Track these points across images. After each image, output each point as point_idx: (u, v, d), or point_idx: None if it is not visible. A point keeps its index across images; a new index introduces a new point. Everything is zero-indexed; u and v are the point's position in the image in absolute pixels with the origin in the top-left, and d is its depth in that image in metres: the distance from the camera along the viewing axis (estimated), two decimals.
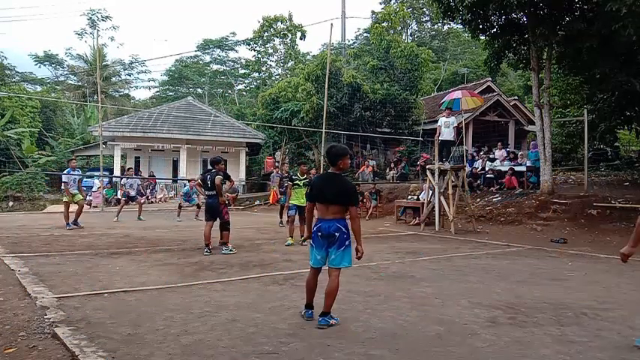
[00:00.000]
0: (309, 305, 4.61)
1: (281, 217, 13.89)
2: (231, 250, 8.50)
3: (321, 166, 21.53)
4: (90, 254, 8.08)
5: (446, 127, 13.21)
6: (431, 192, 13.45)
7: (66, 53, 42.32)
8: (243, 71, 47.47)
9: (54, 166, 27.73)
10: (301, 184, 10.09)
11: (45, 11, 77.61)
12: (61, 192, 12.67)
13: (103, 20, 40.14)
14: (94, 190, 21.39)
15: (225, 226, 8.63)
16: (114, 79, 43.97)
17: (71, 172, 12.47)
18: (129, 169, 17.59)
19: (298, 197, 9.97)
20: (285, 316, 4.66)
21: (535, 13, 13.35)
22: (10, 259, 7.30)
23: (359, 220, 4.51)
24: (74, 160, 13.12)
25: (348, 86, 22.81)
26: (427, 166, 14.08)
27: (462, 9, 13.30)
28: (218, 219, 8.63)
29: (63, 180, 12.61)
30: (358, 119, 22.99)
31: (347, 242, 4.44)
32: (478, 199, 15.41)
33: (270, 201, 20.57)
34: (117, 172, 23.32)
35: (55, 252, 8.19)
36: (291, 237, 9.89)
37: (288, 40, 37.76)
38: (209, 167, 9.31)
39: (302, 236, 9.75)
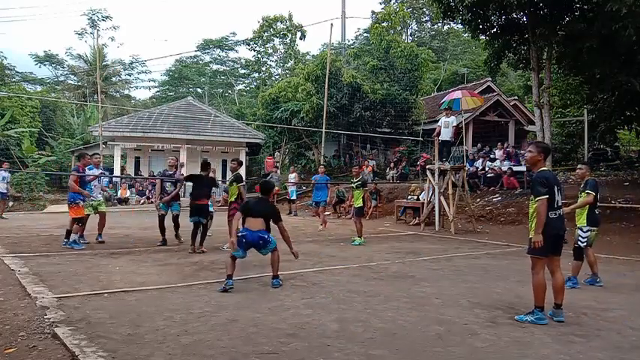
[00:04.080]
0: (231, 277, 5.77)
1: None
2: None
3: (321, 166, 21.52)
4: (90, 254, 8.08)
5: (445, 127, 13.23)
6: (431, 192, 13.45)
7: (66, 53, 42.28)
8: (243, 71, 47.45)
9: (54, 166, 27.72)
10: (354, 187, 10.62)
11: (45, 11, 77.65)
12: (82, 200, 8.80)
13: (103, 20, 40.02)
14: None
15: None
16: (114, 79, 43.94)
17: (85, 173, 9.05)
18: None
19: (358, 200, 10.54)
20: (285, 316, 4.66)
21: (535, 13, 13.34)
22: (10, 259, 7.29)
23: (286, 232, 6.13)
24: (97, 156, 9.71)
25: (348, 86, 22.80)
26: (427, 166, 14.09)
27: (462, 9, 13.29)
28: None
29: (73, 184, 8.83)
30: (358, 119, 22.97)
31: (269, 243, 5.99)
32: (478, 199, 15.41)
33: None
34: (117, 171, 23.33)
35: (55, 252, 8.18)
36: (360, 236, 10.29)
37: (288, 40, 37.75)
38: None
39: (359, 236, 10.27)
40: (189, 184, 10.06)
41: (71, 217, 8.70)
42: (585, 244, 6.31)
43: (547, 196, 4.53)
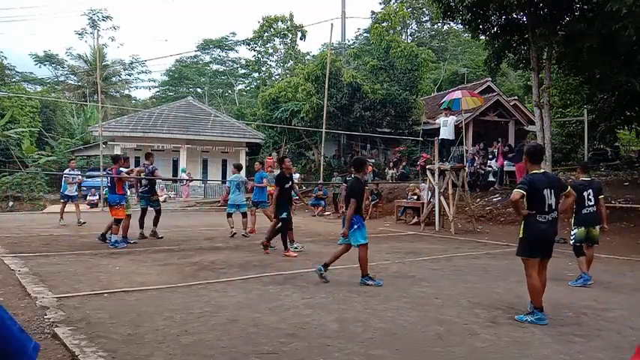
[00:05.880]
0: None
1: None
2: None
3: (321, 166, 21.56)
4: (90, 254, 8.08)
5: (443, 127, 13.31)
6: (430, 192, 13.45)
7: (66, 53, 42.29)
8: (243, 71, 47.40)
9: (54, 166, 27.72)
10: None
11: (45, 11, 77.67)
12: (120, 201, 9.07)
13: (103, 20, 40.02)
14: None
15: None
16: (114, 79, 43.92)
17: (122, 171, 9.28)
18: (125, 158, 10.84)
19: None
20: (285, 316, 4.66)
21: (535, 13, 13.34)
22: (10, 259, 7.30)
23: (349, 210, 6.09)
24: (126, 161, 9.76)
25: (348, 86, 22.79)
26: (427, 166, 14.09)
27: (462, 9, 13.29)
28: None
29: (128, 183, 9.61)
30: (358, 119, 22.97)
31: (354, 229, 6.13)
32: (478, 199, 15.41)
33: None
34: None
35: (55, 252, 8.19)
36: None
37: (288, 40, 37.73)
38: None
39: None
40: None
41: (116, 217, 9.04)
42: (573, 241, 6.70)
43: (522, 191, 4.64)
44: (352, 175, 6.67)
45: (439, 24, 36.03)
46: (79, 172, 15.36)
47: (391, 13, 26.88)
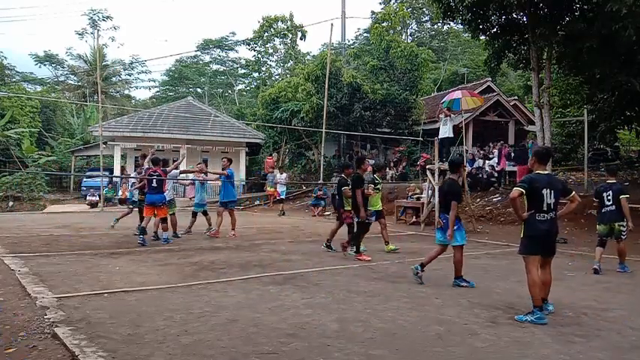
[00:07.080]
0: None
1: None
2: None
3: (321, 166, 21.56)
4: (90, 254, 8.08)
5: (443, 126, 13.34)
6: (430, 192, 13.45)
7: (66, 53, 42.35)
8: (243, 71, 47.43)
9: (54, 166, 27.74)
10: (379, 188, 9.10)
11: (45, 11, 77.71)
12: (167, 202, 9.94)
13: (103, 20, 40.09)
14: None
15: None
16: (114, 79, 43.95)
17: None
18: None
19: (378, 202, 8.99)
20: (285, 316, 4.66)
21: (535, 13, 13.33)
22: (10, 259, 7.29)
23: (452, 212, 6.05)
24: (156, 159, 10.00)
25: (348, 86, 22.79)
26: (427, 166, 14.10)
27: (462, 9, 13.28)
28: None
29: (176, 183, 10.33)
30: (358, 119, 22.97)
31: (444, 228, 6.21)
32: (478, 199, 15.41)
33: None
34: (117, 172, 23.30)
35: (55, 252, 8.18)
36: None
37: (288, 40, 37.73)
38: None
39: (386, 243, 9.13)
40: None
41: (161, 216, 9.49)
42: (598, 236, 7.67)
43: (522, 189, 4.76)
44: (448, 177, 6.68)
45: (439, 24, 35.97)
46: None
47: (391, 13, 26.88)
